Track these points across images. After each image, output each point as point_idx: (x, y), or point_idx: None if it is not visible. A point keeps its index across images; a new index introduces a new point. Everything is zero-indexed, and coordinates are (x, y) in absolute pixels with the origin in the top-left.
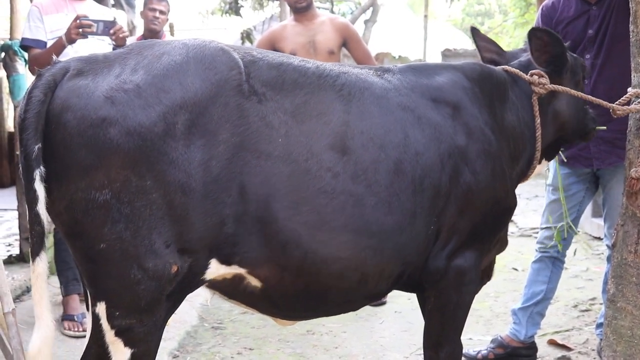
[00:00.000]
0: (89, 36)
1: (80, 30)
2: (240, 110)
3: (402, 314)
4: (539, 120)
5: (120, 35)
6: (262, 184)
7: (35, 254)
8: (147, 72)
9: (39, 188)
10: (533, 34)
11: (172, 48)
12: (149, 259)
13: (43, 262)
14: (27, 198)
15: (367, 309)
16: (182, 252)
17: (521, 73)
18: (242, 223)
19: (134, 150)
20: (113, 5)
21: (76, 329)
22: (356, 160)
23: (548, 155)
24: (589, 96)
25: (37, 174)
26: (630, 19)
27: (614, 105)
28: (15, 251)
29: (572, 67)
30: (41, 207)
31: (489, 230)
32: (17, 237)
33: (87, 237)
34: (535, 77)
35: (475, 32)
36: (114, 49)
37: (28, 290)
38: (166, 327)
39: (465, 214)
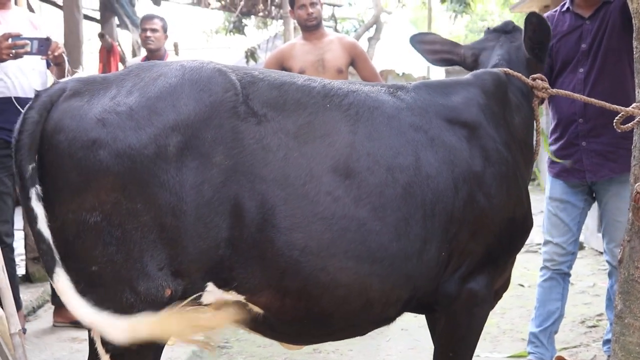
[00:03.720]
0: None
1: (13, 51)
2: (235, 133)
3: (408, 332)
4: (540, 125)
5: (56, 54)
6: (257, 209)
7: (50, 271)
8: (142, 94)
9: (37, 206)
10: (529, 19)
11: (169, 70)
12: (141, 282)
13: (62, 277)
14: (27, 218)
15: None
16: (176, 275)
17: (524, 77)
18: (237, 248)
19: (124, 172)
20: (118, 25)
21: None
22: (360, 183)
23: None
24: (590, 99)
25: (33, 192)
26: (634, 35)
27: (615, 121)
28: (22, 271)
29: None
30: (42, 225)
31: (504, 252)
32: (23, 257)
33: (79, 259)
34: (539, 81)
35: (413, 40)
36: (47, 65)
37: (34, 310)
38: (172, 346)
39: (479, 237)
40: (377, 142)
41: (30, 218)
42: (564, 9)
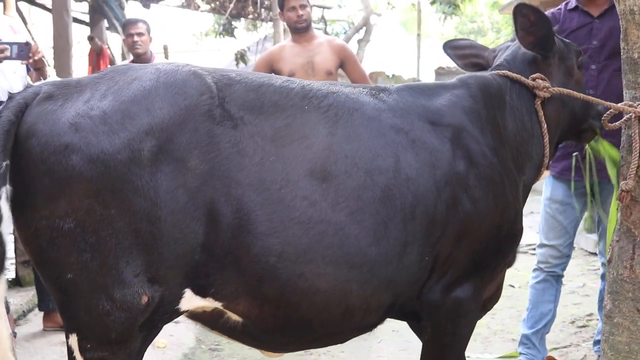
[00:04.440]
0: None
1: None
2: (210, 137)
3: (399, 333)
4: (545, 126)
5: (37, 58)
6: (233, 214)
7: None
8: (115, 98)
9: (4, 207)
10: (519, 11)
11: (144, 73)
12: (117, 289)
13: (2, 284)
14: None
15: None
16: (152, 281)
17: (523, 78)
18: (213, 254)
19: (97, 178)
20: (107, 28)
21: None
22: (337, 187)
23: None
24: (589, 97)
25: (3, 192)
26: (621, 36)
27: (603, 119)
28: (11, 275)
29: (560, 52)
30: (4, 227)
31: (491, 260)
32: (13, 260)
33: (54, 266)
34: (539, 81)
35: (446, 46)
36: (28, 70)
37: (24, 314)
38: (164, 350)
39: (464, 243)
40: (355, 144)
41: None
42: (571, 7)
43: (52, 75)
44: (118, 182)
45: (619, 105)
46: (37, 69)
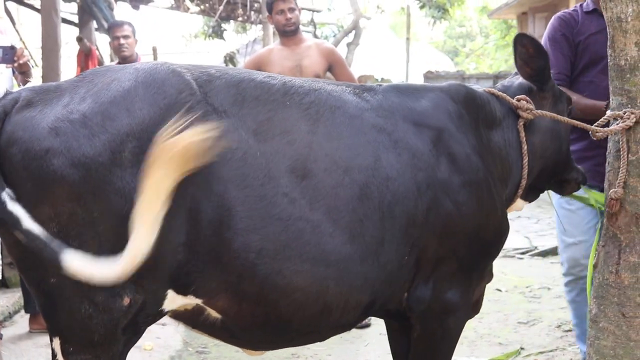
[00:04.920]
0: None
1: None
2: None
3: (386, 337)
4: (525, 147)
5: (22, 61)
6: (215, 211)
7: (58, 260)
8: (95, 100)
9: (15, 208)
10: (519, 40)
11: (123, 74)
12: (99, 292)
13: (75, 257)
14: (7, 223)
15: (352, 332)
16: (134, 283)
17: (507, 97)
18: (194, 251)
19: (79, 181)
20: (96, 29)
21: None
22: (316, 184)
23: (529, 192)
24: (572, 120)
25: (6, 196)
26: (608, 43)
27: (592, 127)
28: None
29: (554, 91)
30: (28, 223)
31: (477, 260)
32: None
33: (37, 271)
34: (523, 102)
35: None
36: (13, 72)
37: (10, 316)
38: (150, 352)
39: (448, 244)
40: (335, 142)
41: (11, 222)
42: (588, 9)
43: (38, 77)
44: (100, 185)
45: (607, 114)
46: (22, 72)
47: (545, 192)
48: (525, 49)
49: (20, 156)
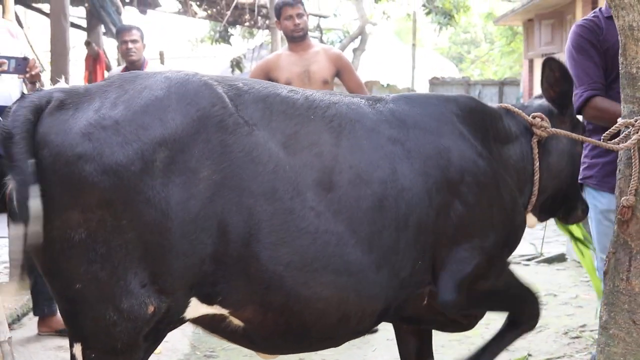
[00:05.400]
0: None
1: None
2: (222, 147)
3: (394, 342)
4: (537, 164)
5: (34, 72)
6: (244, 223)
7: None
8: (127, 107)
9: (36, 205)
10: (547, 64)
11: (154, 82)
12: (124, 300)
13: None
14: (22, 217)
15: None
16: (159, 292)
17: (523, 113)
18: (222, 263)
19: (110, 188)
20: (104, 34)
21: None
22: (340, 197)
23: (542, 211)
24: (587, 138)
25: (33, 190)
26: (620, 52)
27: (607, 145)
28: (5, 279)
29: (572, 117)
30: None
31: (499, 254)
32: (7, 264)
33: (63, 276)
34: (538, 119)
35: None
36: (25, 83)
37: (19, 318)
38: (158, 355)
39: (464, 245)
40: (358, 155)
41: (21, 216)
42: (608, 14)
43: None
44: (130, 193)
45: (619, 122)
46: (32, 82)
47: None
48: (553, 73)
49: (51, 159)
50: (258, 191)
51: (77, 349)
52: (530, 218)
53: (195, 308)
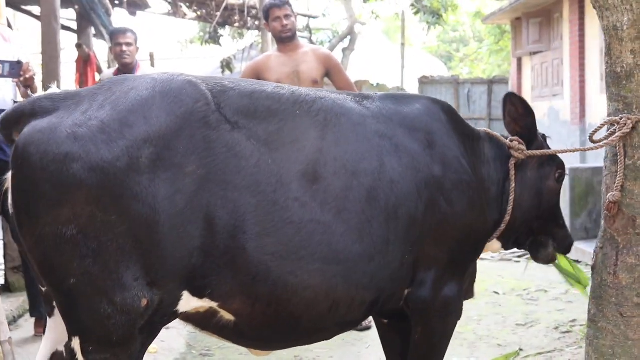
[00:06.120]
0: None
1: None
2: (206, 142)
3: None
4: (514, 185)
5: (28, 76)
6: (229, 216)
7: None
8: (113, 107)
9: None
10: (509, 99)
11: (141, 83)
12: (118, 293)
13: None
14: None
15: (353, 334)
16: (152, 285)
17: (500, 136)
18: (210, 255)
19: (98, 185)
20: (94, 36)
21: None
22: (326, 187)
23: (508, 238)
24: (562, 149)
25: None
26: (605, 51)
27: (586, 148)
28: (1, 281)
29: (541, 148)
30: None
31: (468, 259)
32: (3, 266)
33: (57, 272)
34: (515, 142)
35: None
36: (18, 87)
37: (15, 320)
38: (154, 355)
39: (444, 243)
40: (343, 148)
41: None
42: None
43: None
44: (118, 189)
45: (604, 120)
46: (26, 86)
47: None
48: (515, 108)
49: (38, 157)
50: (242, 185)
51: (76, 342)
52: (494, 243)
53: (187, 301)
